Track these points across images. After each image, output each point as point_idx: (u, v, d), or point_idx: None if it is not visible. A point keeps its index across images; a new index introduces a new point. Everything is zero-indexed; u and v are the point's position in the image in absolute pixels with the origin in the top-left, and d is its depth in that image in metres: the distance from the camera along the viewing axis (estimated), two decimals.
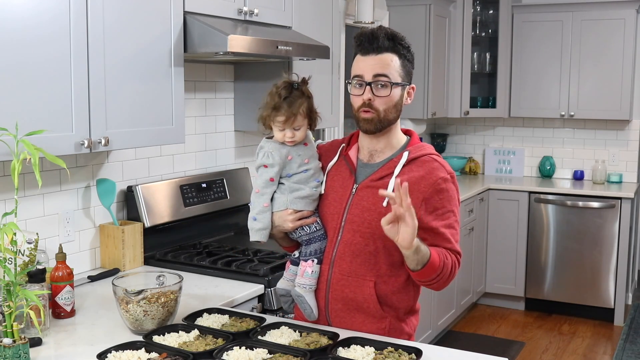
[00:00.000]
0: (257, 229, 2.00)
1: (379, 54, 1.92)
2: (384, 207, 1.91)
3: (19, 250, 2.04)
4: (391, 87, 1.92)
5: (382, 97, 1.92)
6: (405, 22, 5.05)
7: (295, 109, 1.96)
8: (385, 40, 1.92)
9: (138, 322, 1.97)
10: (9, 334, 1.72)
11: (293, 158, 1.99)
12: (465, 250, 4.99)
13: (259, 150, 2.02)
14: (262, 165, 2.00)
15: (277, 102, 1.97)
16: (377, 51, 1.92)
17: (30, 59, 2.02)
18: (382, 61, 1.92)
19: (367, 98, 1.92)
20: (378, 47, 1.92)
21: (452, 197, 1.96)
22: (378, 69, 1.91)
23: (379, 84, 1.91)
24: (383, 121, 1.94)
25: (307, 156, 2.02)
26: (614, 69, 5.24)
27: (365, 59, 1.93)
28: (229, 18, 2.78)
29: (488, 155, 5.97)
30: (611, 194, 5.08)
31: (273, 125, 1.99)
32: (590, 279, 5.16)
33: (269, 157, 1.98)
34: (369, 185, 1.97)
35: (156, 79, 2.48)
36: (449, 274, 1.91)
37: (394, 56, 1.93)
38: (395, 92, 1.93)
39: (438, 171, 1.95)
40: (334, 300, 2.01)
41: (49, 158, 1.75)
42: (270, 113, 1.98)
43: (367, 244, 1.96)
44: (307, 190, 2.01)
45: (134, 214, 2.86)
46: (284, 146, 1.99)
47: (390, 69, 1.92)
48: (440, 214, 1.93)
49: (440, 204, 1.93)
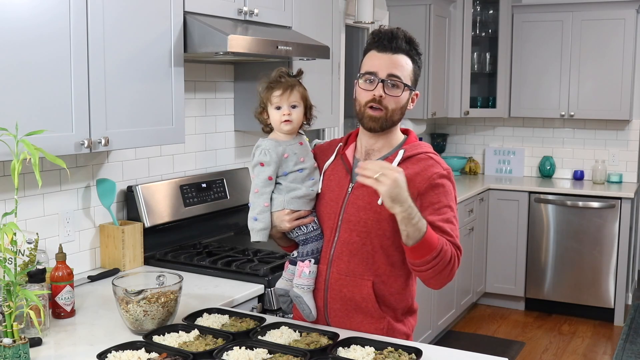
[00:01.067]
0: (259, 229, 2.00)
1: (395, 54, 1.93)
2: (379, 206, 1.91)
3: (19, 250, 2.03)
4: (403, 89, 1.93)
5: (393, 96, 1.92)
6: (405, 22, 5.05)
7: (291, 82, 1.99)
8: (404, 43, 1.94)
9: (138, 322, 1.97)
10: (9, 334, 1.72)
11: (289, 156, 2.00)
12: (465, 250, 4.95)
13: (255, 149, 2.03)
14: (258, 163, 2.00)
15: (273, 79, 2.00)
16: (395, 51, 1.93)
17: (31, 59, 2.02)
18: (398, 62, 1.93)
19: (378, 95, 1.91)
20: (397, 47, 1.93)
21: (448, 192, 1.93)
22: (393, 69, 1.92)
23: (391, 83, 1.92)
24: (389, 120, 1.95)
25: (302, 155, 2.03)
26: (614, 69, 5.24)
27: (381, 56, 1.94)
28: (229, 18, 2.78)
29: (488, 155, 5.97)
30: (611, 194, 5.08)
31: (270, 106, 2.00)
32: (590, 279, 5.16)
33: (266, 155, 1.98)
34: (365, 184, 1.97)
35: (156, 79, 2.48)
36: (448, 262, 1.83)
37: (408, 60, 1.95)
38: (405, 94, 1.95)
39: (433, 167, 1.94)
40: (332, 300, 2.01)
41: (49, 158, 1.75)
42: (266, 92, 2.00)
43: (364, 243, 1.96)
44: (304, 189, 2.01)
45: (134, 214, 2.86)
46: (280, 144, 2.00)
47: (403, 71, 1.94)
48: (436, 209, 1.91)
49: (436, 198, 1.91)
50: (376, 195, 1.91)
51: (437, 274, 1.85)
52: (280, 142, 2.00)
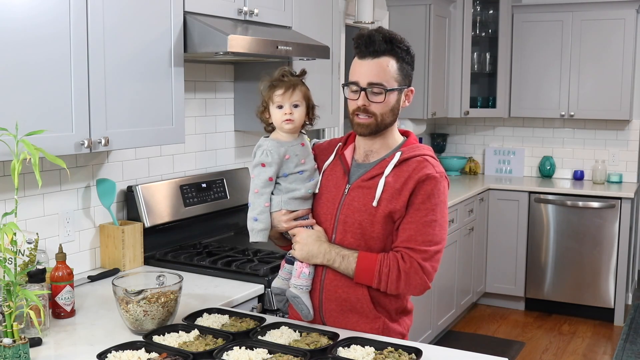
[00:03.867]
0: (259, 229, 2.00)
1: (375, 58, 1.91)
2: (374, 208, 1.92)
3: (19, 250, 2.03)
4: (385, 94, 1.91)
5: (377, 102, 1.92)
6: (405, 22, 5.06)
7: (293, 82, 1.99)
8: (383, 44, 1.90)
9: (138, 322, 1.97)
10: (9, 334, 1.72)
11: (290, 157, 1.99)
12: (466, 250, 5.02)
13: (256, 149, 2.02)
14: (259, 164, 1.99)
15: (276, 78, 2.00)
16: (374, 55, 1.91)
17: (31, 59, 2.02)
18: (378, 66, 1.91)
19: (362, 104, 1.93)
20: (375, 50, 1.91)
21: (434, 194, 1.91)
22: (373, 77, 1.91)
23: (372, 90, 1.91)
24: (380, 125, 1.95)
25: (303, 156, 2.03)
26: (614, 69, 5.23)
27: (362, 63, 1.93)
28: (229, 18, 2.78)
29: (488, 155, 5.97)
30: (611, 194, 5.07)
31: (271, 105, 1.99)
32: (590, 279, 5.16)
33: (268, 156, 1.98)
34: (360, 185, 1.98)
35: (156, 79, 2.48)
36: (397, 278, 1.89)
37: (391, 60, 1.92)
38: (390, 97, 1.93)
39: (426, 169, 1.93)
40: (327, 300, 2.01)
41: (49, 158, 1.75)
42: (268, 90, 2.00)
43: (359, 245, 1.96)
44: (303, 191, 2.01)
45: (134, 214, 2.86)
46: (282, 144, 1.99)
47: (385, 75, 1.91)
48: (417, 209, 1.90)
49: (420, 199, 1.90)
50: (371, 197, 1.92)
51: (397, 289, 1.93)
52: (282, 142, 2.00)
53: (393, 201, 1.91)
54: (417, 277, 1.90)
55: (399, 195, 1.91)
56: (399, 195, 1.91)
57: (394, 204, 1.91)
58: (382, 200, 1.92)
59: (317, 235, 1.98)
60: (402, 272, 1.89)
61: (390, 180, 1.92)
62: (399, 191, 1.91)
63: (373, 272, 1.91)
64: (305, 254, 1.97)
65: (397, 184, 1.92)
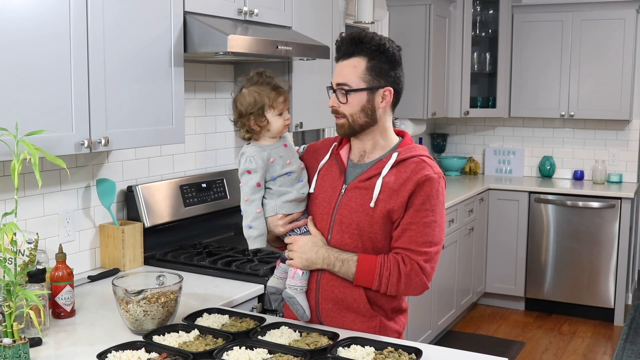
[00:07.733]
0: (255, 236, 2.01)
1: (345, 60, 1.95)
2: (371, 208, 1.92)
3: (19, 250, 2.04)
4: (346, 95, 1.93)
5: (344, 103, 1.95)
6: (405, 22, 5.06)
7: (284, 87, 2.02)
8: (349, 46, 1.93)
9: (138, 322, 1.97)
10: (9, 334, 1.72)
11: (275, 160, 2.00)
12: (466, 250, 5.02)
13: (240, 157, 2.03)
14: (245, 171, 2.00)
15: (274, 84, 2.00)
16: (345, 57, 1.95)
17: (31, 59, 2.02)
18: (347, 67, 1.94)
19: (331, 105, 1.98)
20: (344, 53, 1.95)
21: (432, 195, 1.91)
22: (339, 78, 1.95)
23: (339, 91, 1.95)
24: (353, 125, 1.97)
25: (288, 157, 2.03)
26: (613, 69, 5.24)
27: (337, 66, 1.99)
28: (229, 18, 2.78)
29: (488, 155, 5.97)
30: (611, 194, 5.08)
31: (272, 111, 1.99)
32: (590, 279, 5.16)
33: (252, 162, 1.98)
34: (357, 185, 1.98)
35: (156, 79, 2.48)
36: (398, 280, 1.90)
37: (359, 60, 1.93)
38: (354, 98, 1.93)
39: (424, 170, 1.93)
40: (324, 300, 2.01)
41: (49, 158, 1.75)
42: (271, 96, 1.98)
43: (355, 245, 1.96)
44: (294, 193, 2.02)
45: (134, 214, 2.86)
46: (264, 149, 2.00)
47: (351, 75, 1.93)
48: (417, 210, 1.91)
49: (419, 200, 1.91)
50: (369, 198, 1.92)
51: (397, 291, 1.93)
52: (264, 147, 2.01)
53: (391, 201, 1.91)
54: (417, 279, 1.92)
55: (397, 195, 1.91)
56: (397, 195, 1.91)
57: (392, 203, 1.91)
58: (379, 200, 1.92)
59: (312, 242, 1.98)
60: (402, 275, 1.90)
61: (388, 181, 1.93)
62: (397, 191, 1.91)
63: (373, 276, 1.91)
64: (304, 262, 1.98)
65: (395, 184, 1.92)
